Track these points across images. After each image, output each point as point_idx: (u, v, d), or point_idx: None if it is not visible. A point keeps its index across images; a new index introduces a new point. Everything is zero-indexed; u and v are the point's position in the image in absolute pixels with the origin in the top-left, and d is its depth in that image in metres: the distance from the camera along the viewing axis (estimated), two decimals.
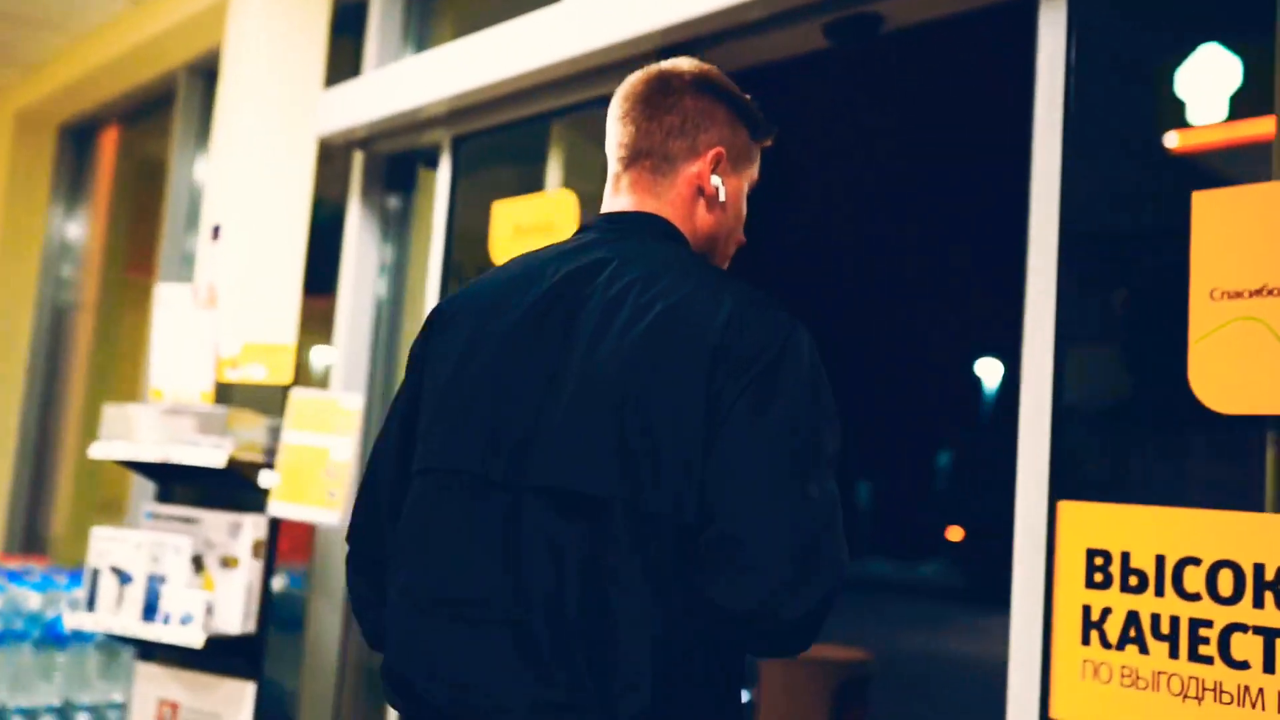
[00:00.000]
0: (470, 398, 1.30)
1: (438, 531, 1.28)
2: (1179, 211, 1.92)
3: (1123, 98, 2.56)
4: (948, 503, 23.90)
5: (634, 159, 1.41)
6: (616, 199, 1.43)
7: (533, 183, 3.50)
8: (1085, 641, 1.89)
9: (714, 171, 1.40)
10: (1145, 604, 1.83)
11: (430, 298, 3.62)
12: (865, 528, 33.20)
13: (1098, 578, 1.89)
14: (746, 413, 1.17)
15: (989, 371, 33.41)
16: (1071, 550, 1.93)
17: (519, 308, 1.32)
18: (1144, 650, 1.82)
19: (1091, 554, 1.91)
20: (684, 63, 1.45)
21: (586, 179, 3.33)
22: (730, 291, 1.27)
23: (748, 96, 1.47)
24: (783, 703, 4.72)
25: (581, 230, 1.43)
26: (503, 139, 3.71)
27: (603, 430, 1.20)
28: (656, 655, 1.16)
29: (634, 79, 1.45)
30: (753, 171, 1.47)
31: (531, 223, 3.24)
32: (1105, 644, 1.87)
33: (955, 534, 22.10)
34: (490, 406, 1.27)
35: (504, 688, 1.19)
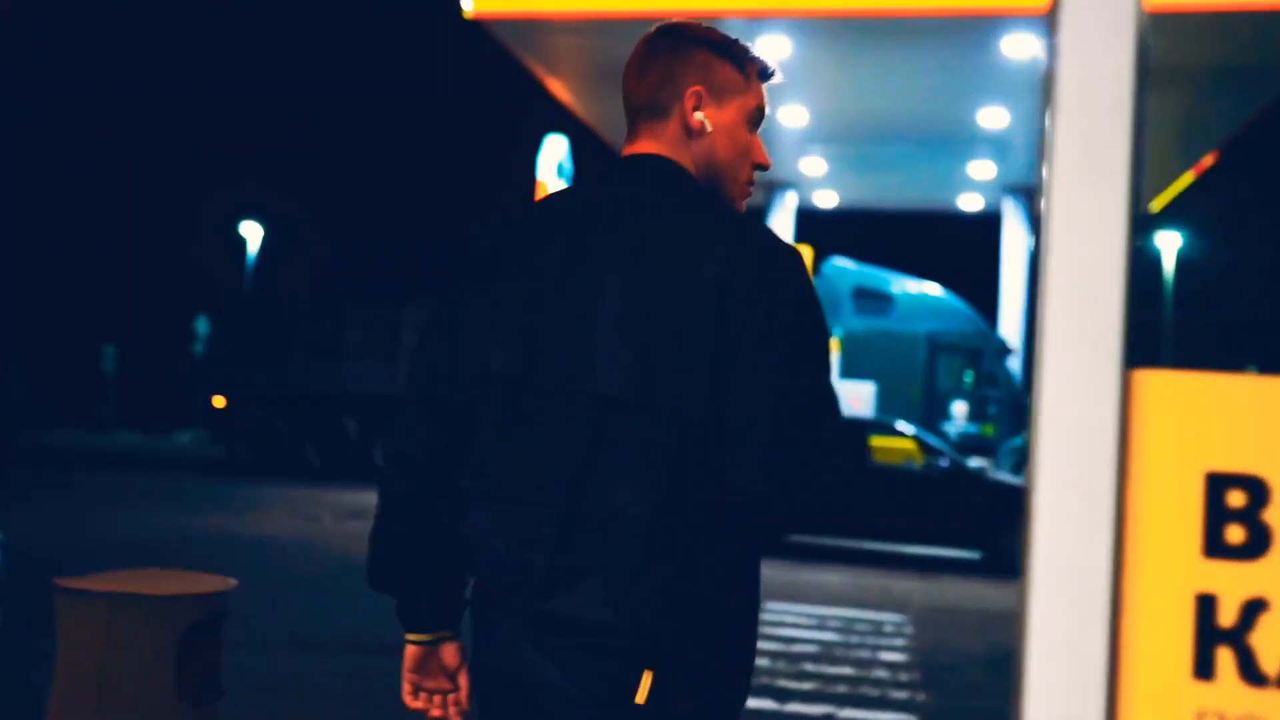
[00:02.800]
0: (521, 318, 1.60)
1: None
2: None
3: None
4: (207, 369, 21.99)
5: (636, 111, 1.72)
6: (629, 145, 1.73)
7: None
8: (1203, 672, 0.87)
9: (696, 108, 1.67)
10: None
11: None
12: (112, 397, 29.89)
13: (1234, 535, 0.87)
14: (754, 333, 1.48)
15: (253, 234, 31.83)
16: (1171, 474, 0.88)
17: (551, 242, 1.61)
18: None
19: (1219, 484, 0.87)
20: (664, 22, 1.72)
21: None
22: (731, 222, 1.58)
23: (729, 37, 1.72)
24: (97, 657, 3.17)
25: (601, 172, 1.70)
26: None
27: (623, 343, 1.53)
28: (654, 532, 1.48)
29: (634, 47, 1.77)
30: (744, 101, 1.70)
31: None
32: (1254, 678, 0.86)
33: (218, 402, 20.49)
34: (535, 324, 1.59)
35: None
